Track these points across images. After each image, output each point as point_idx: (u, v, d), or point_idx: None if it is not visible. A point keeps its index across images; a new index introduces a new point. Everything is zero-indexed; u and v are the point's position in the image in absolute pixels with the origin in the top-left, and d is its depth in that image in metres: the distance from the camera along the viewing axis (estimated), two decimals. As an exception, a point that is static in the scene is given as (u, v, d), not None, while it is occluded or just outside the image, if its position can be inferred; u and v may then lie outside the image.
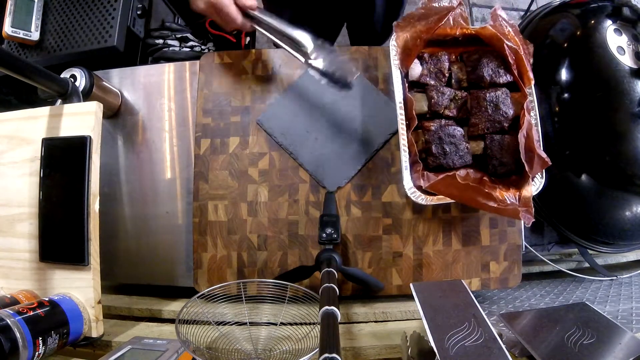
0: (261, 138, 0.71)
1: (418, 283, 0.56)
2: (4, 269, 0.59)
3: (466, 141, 0.66)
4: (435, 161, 0.65)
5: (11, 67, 0.51)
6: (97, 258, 0.57)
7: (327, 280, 0.51)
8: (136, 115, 0.77)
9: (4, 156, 0.61)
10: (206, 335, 0.54)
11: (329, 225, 0.63)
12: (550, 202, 0.75)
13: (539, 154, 0.59)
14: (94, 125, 0.58)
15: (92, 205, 0.57)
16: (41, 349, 0.48)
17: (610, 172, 0.70)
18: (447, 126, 0.65)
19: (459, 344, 0.43)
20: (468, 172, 0.66)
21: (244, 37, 0.93)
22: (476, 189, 0.59)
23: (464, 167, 0.66)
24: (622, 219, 0.73)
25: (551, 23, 0.77)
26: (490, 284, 0.70)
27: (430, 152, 0.65)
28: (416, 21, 0.64)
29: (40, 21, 0.86)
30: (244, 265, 0.69)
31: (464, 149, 0.65)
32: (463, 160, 0.65)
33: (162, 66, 0.78)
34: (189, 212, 0.72)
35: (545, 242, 0.87)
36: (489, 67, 0.64)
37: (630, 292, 0.74)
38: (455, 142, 0.65)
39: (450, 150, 0.65)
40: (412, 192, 0.63)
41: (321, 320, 0.43)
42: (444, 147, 0.64)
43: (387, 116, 0.70)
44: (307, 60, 0.61)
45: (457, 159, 0.65)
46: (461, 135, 0.65)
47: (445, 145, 0.64)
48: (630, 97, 0.66)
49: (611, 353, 0.47)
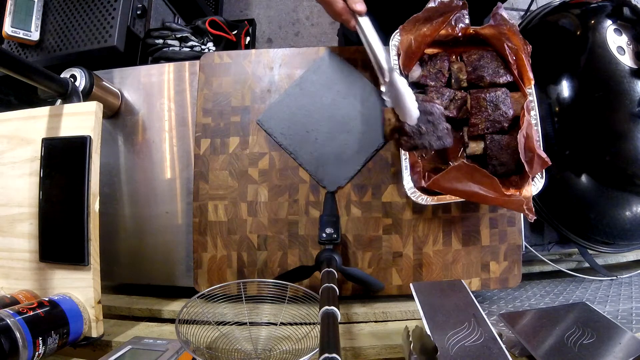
0: (261, 138, 0.71)
1: (418, 283, 0.56)
2: (4, 269, 0.59)
3: (445, 120, 0.59)
4: (409, 141, 0.57)
5: (11, 67, 0.51)
6: (97, 258, 0.57)
7: (327, 280, 0.51)
8: (136, 115, 0.77)
9: (4, 156, 0.61)
10: (206, 335, 0.54)
11: (329, 225, 0.63)
12: (550, 202, 0.75)
13: (539, 154, 0.59)
14: (94, 125, 0.58)
15: (92, 205, 0.57)
16: (41, 349, 0.48)
17: (610, 172, 0.70)
18: (424, 102, 0.58)
19: (459, 344, 0.44)
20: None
21: (244, 37, 0.93)
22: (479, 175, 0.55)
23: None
24: (622, 219, 0.73)
25: (551, 23, 0.77)
26: (490, 284, 0.70)
27: (404, 130, 0.57)
28: (421, 24, 0.64)
29: (40, 21, 0.86)
30: (244, 265, 0.69)
31: (444, 129, 0.58)
32: (442, 142, 0.58)
33: (162, 66, 0.78)
34: (189, 212, 0.72)
35: (545, 242, 0.87)
36: (489, 67, 0.64)
37: (630, 292, 0.74)
38: (433, 121, 0.57)
39: (427, 129, 0.57)
40: (412, 192, 0.63)
41: (321, 320, 0.43)
42: (419, 124, 0.56)
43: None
44: (381, 85, 0.60)
45: (434, 140, 0.57)
46: (441, 114, 0.58)
47: (422, 123, 0.57)
48: (630, 97, 0.66)
49: (611, 353, 0.47)
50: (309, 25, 1.86)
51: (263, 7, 1.87)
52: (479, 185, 0.57)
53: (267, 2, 1.88)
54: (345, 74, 0.72)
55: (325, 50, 0.73)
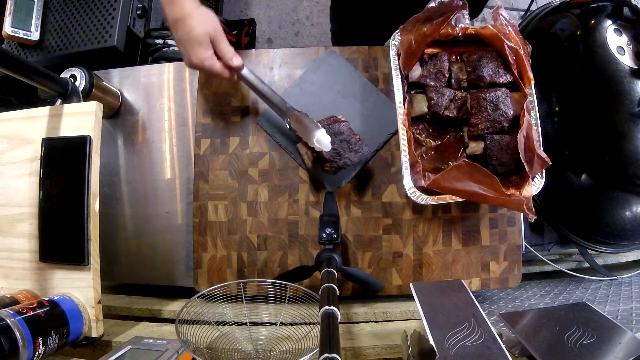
0: (261, 138, 0.71)
1: (418, 283, 0.56)
2: (4, 269, 0.59)
3: (354, 132, 0.62)
4: (333, 165, 0.62)
5: (11, 67, 0.51)
6: (97, 258, 0.57)
7: (327, 280, 0.51)
8: (136, 115, 0.77)
9: (4, 156, 0.61)
10: (206, 335, 0.54)
11: (329, 225, 0.63)
12: (550, 202, 0.75)
13: (538, 154, 0.59)
14: (94, 125, 0.58)
15: (92, 205, 0.57)
16: (41, 349, 0.48)
17: (610, 172, 0.70)
18: (330, 125, 0.62)
19: (459, 344, 0.44)
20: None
21: (244, 37, 0.93)
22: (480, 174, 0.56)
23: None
24: (622, 219, 0.73)
25: (551, 23, 0.77)
26: (490, 284, 0.70)
27: (323, 158, 0.61)
28: (421, 24, 0.64)
29: (40, 21, 0.86)
30: (244, 265, 0.69)
31: (357, 141, 0.62)
32: (360, 154, 0.62)
33: (162, 66, 0.78)
34: (189, 212, 0.72)
35: (545, 242, 0.87)
36: (489, 67, 0.64)
37: (630, 292, 0.74)
38: (345, 139, 0.61)
39: (343, 148, 0.61)
40: (412, 192, 0.63)
41: (321, 320, 0.43)
42: (335, 148, 0.61)
43: (387, 116, 0.70)
44: (285, 121, 0.64)
45: (352, 155, 0.62)
46: (348, 128, 0.62)
47: (336, 145, 0.61)
48: (630, 97, 0.66)
49: (611, 353, 0.47)
50: (309, 25, 1.86)
51: (263, 7, 1.87)
52: (479, 184, 0.57)
53: (267, 2, 1.87)
54: (345, 74, 0.72)
55: (325, 50, 0.73)
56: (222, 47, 0.59)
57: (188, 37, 0.57)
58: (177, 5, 0.56)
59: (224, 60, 0.60)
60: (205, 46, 0.58)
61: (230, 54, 0.60)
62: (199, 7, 0.57)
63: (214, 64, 0.59)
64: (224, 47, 0.59)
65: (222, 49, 0.59)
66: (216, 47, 0.59)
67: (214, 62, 0.59)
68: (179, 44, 0.59)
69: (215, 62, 0.59)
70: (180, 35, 0.57)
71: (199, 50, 0.57)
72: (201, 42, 0.57)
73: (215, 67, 0.60)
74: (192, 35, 0.56)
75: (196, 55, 0.58)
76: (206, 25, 0.57)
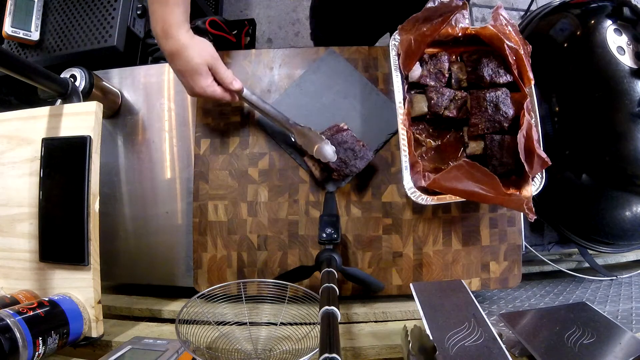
0: (261, 138, 0.71)
1: (418, 283, 0.56)
2: (4, 269, 0.59)
3: (356, 139, 0.65)
4: (340, 174, 0.64)
5: (11, 67, 0.51)
6: (97, 258, 0.57)
7: (327, 280, 0.51)
8: (136, 115, 0.77)
9: (4, 156, 0.61)
10: (206, 335, 0.54)
11: (329, 225, 0.63)
12: (550, 202, 0.75)
13: (538, 154, 0.59)
14: (94, 125, 0.58)
15: (92, 205, 0.57)
16: (41, 349, 0.48)
17: (610, 172, 0.70)
18: (333, 136, 0.65)
19: (459, 344, 0.44)
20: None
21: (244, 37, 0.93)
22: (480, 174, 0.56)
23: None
24: (622, 219, 0.73)
25: (551, 23, 0.77)
26: (490, 284, 0.70)
27: (331, 168, 0.64)
28: (421, 24, 0.64)
29: (40, 21, 0.86)
30: (244, 265, 0.69)
31: (360, 148, 0.64)
32: (365, 160, 0.64)
33: (162, 66, 0.78)
34: (189, 212, 0.72)
35: (545, 242, 0.87)
36: (489, 67, 0.64)
37: (630, 292, 0.74)
38: (349, 147, 0.64)
39: (348, 157, 0.64)
40: (412, 192, 0.63)
41: (321, 320, 0.43)
42: (340, 157, 0.63)
43: (387, 116, 0.70)
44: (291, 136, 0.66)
45: (358, 162, 0.64)
46: (351, 136, 0.65)
47: (341, 155, 0.63)
48: (630, 97, 0.66)
49: (611, 353, 0.47)
50: (309, 25, 1.86)
51: (263, 7, 1.87)
52: (479, 184, 0.57)
53: (267, 2, 1.87)
54: (345, 74, 0.72)
55: (325, 50, 0.73)
56: (221, 73, 0.61)
57: (187, 69, 0.58)
58: (172, 38, 0.56)
59: (224, 85, 0.62)
60: (205, 75, 0.59)
61: (229, 79, 0.62)
62: (193, 37, 0.58)
63: (215, 90, 0.61)
64: (223, 72, 0.61)
65: (221, 75, 0.61)
66: (215, 73, 0.61)
67: (215, 89, 0.61)
68: (179, 75, 0.60)
69: (216, 88, 0.61)
70: (179, 68, 0.58)
71: (199, 79, 0.59)
72: (201, 71, 0.59)
73: (217, 93, 0.61)
74: (191, 66, 0.58)
75: (197, 84, 0.59)
76: (203, 54, 0.58)
